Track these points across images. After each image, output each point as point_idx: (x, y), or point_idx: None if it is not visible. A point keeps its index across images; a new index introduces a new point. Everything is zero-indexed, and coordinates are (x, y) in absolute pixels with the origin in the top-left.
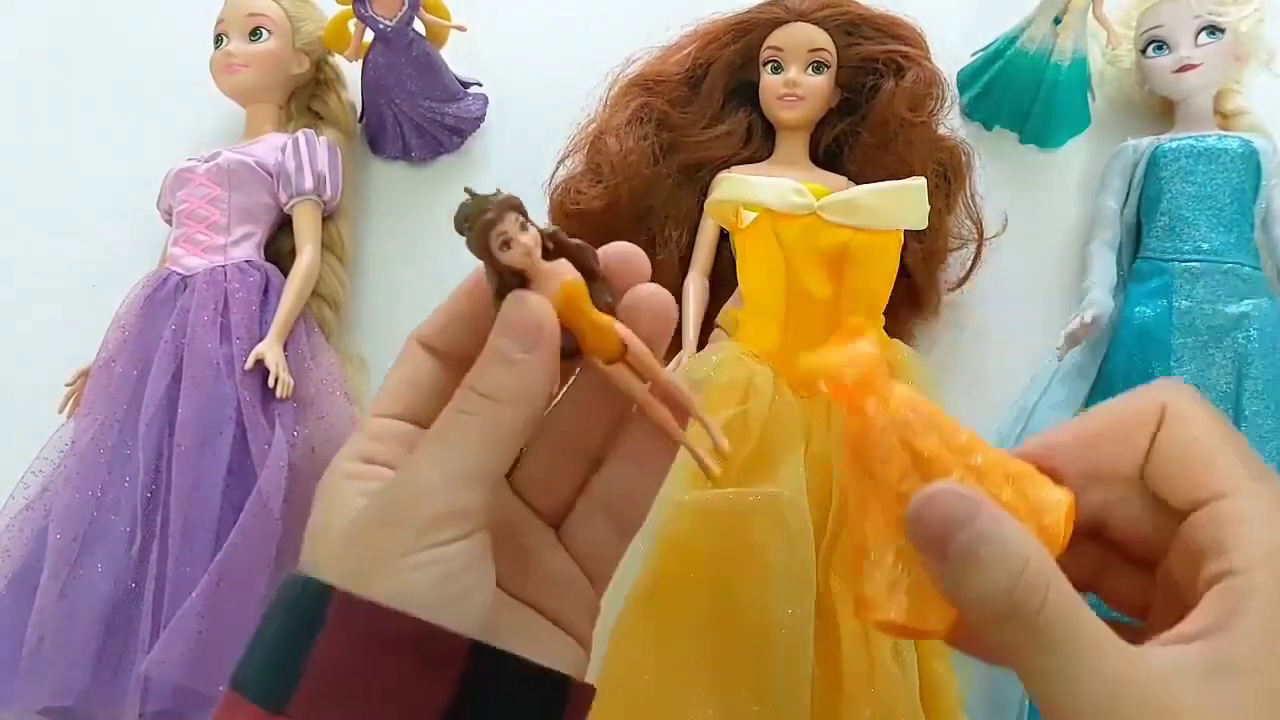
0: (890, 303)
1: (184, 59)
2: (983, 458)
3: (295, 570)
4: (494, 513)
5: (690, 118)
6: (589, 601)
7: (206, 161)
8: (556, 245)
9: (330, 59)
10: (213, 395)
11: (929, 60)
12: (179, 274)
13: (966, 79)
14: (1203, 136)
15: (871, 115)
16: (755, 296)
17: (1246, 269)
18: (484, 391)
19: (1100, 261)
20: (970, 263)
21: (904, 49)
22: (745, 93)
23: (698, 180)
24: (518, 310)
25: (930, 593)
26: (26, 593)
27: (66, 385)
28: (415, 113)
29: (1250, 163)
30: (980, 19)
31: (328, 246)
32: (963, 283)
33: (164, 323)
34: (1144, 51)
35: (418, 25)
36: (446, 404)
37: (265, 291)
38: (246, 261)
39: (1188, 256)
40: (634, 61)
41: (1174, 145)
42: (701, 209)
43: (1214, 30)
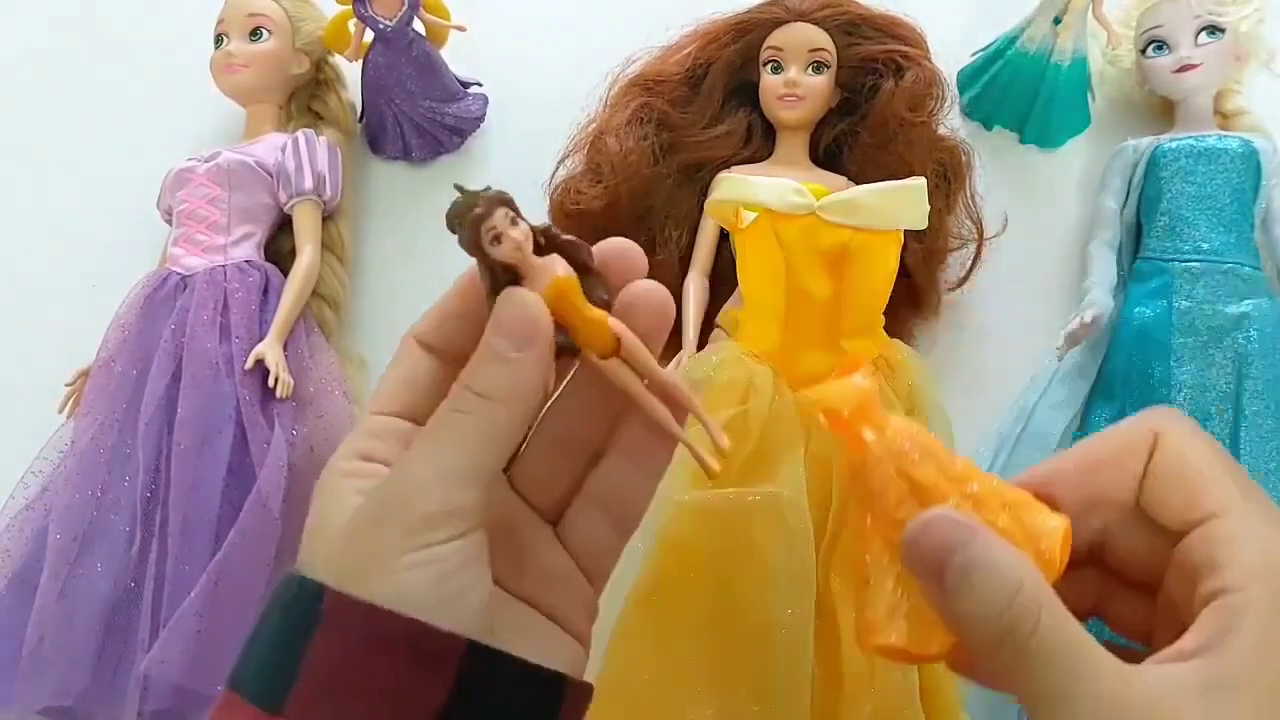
0: (890, 303)
1: (184, 59)
2: (979, 485)
3: (292, 569)
4: (491, 510)
5: (690, 118)
6: (587, 599)
7: (206, 161)
8: (549, 241)
9: (330, 59)
10: (212, 395)
11: (929, 60)
12: (179, 274)
13: (966, 79)
14: (1203, 136)
15: (871, 115)
16: (755, 296)
17: (1246, 269)
18: (478, 390)
19: (1100, 261)
20: (970, 263)
21: (904, 49)
22: (745, 93)
23: (698, 180)
24: (511, 308)
25: (930, 618)
26: (26, 593)
27: (66, 385)
28: (415, 113)
29: (1250, 163)
30: (980, 19)
31: (328, 246)
32: (963, 283)
33: (164, 322)
34: (1144, 51)
35: (418, 25)
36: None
37: (265, 291)
38: (246, 261)
39: (1188, 256)
40: (634, 61)
41: (1174, 145)
42: (701, 209)
43: (1214, 30)
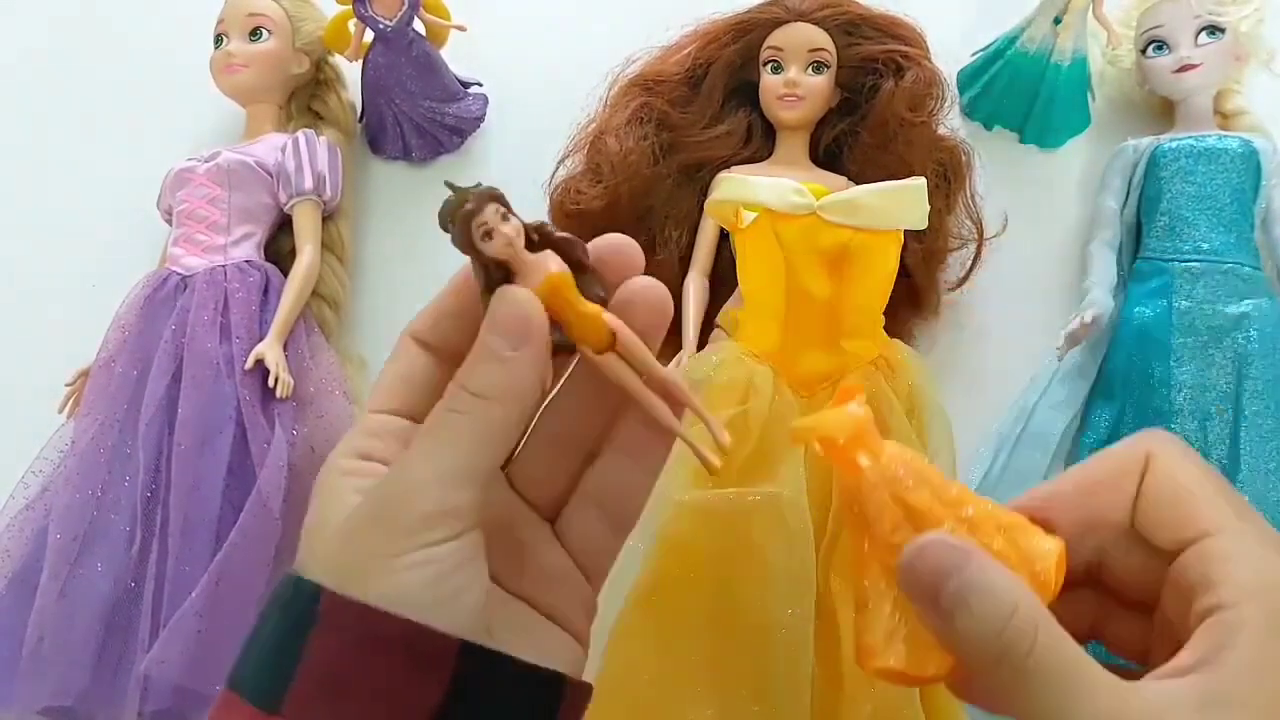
0: (890, 303)
1: (184, 59)
2: (974, 509)
3: (291, 569)
4: (489, 508)
5: (690, 118)
6: (585, 597)
7: (206, 161)
8: (543, 237)
9: (330, 59)
10: (213, 395)
11: (929, 60)
12: (179, 274)
13: (966, 79)
14: (1203, 136)
15: (871, 115)
16: (755, 296)
17: (1246, 269)
18: (474, 390)
19: (1100, 261)
20: (970, 263)
21: (904, 49)
22: (745, 93)
23: (698, 180)
24: (505, 306)
25: (927, 640)
26: (26, 593)
27: (66, 385)
28: (415, 113)
29: (1250, 163)
30: (980, 19)
31: (328, 246)
32: (963, 283)
33: (164, 323)
34: (1144, 51)
35: (418, 25)
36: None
37: (265, 291)
38: (246, 261)
39: (1188, 256)
40: (634, 61)
41: (1174, 145)
42: (701, 209)
43: (1214, 30)
